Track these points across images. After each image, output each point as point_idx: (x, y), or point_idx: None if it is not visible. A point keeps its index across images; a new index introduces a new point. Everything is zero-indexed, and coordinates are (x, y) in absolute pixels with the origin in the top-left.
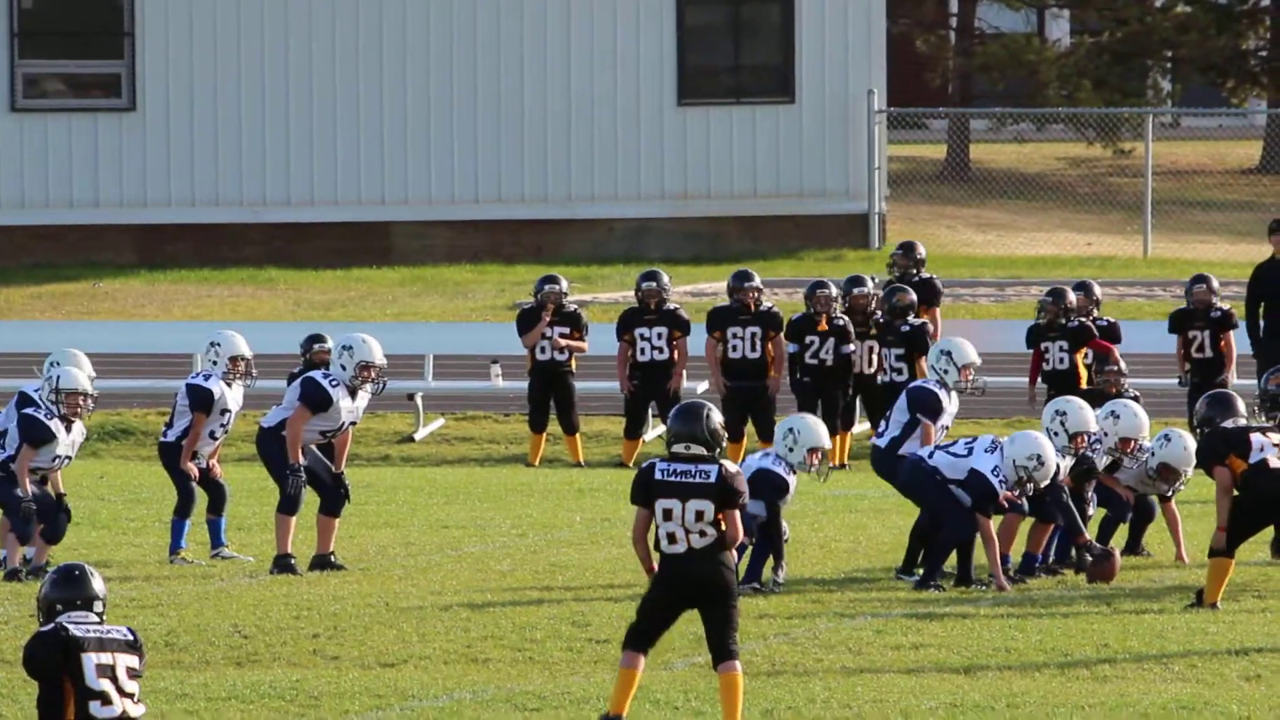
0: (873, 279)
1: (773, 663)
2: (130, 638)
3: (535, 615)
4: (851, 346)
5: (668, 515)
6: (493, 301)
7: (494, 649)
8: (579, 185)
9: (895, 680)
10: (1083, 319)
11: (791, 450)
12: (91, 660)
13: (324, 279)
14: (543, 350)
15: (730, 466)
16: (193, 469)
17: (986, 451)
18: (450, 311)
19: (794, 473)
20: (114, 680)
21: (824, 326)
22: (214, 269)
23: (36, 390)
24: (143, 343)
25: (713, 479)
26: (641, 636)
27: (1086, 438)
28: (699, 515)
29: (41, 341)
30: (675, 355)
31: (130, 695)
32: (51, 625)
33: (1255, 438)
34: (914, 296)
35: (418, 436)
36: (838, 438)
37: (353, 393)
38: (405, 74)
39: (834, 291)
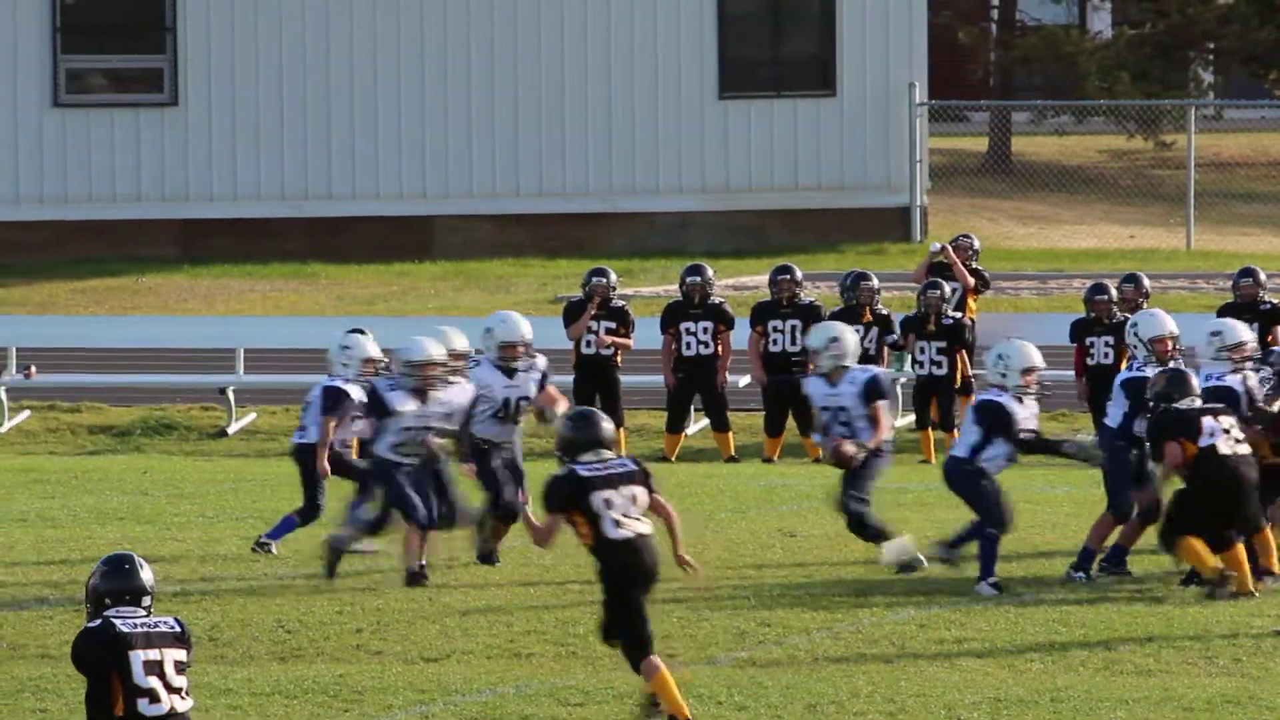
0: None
1: (815, 656)
2: (178, 629)
3: (578, 610)
4: (895, 336)
5: (608, 505)
6: (534, 295)
7: (537, 644)
8: (620, 179)
9: (939, 674)
10: (1127, 314)
11: (1005, 375)
12: (139, 657)
13: (366, 273)
14: (588, 344)
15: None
16: (326, 469)
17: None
18: (492, 305)
19: (1018, 400)
20: (162, 676)
21: (867, 318)
22: (256, 263)
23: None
24: (185, 337)
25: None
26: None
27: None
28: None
29: (84, 336)
30: (719, 349)
31: (178, 690)
32: (99, 621)
33: (1207, 422)
34: (949, 289)
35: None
36: None
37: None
38: (446, 67)
39: (876, 283)
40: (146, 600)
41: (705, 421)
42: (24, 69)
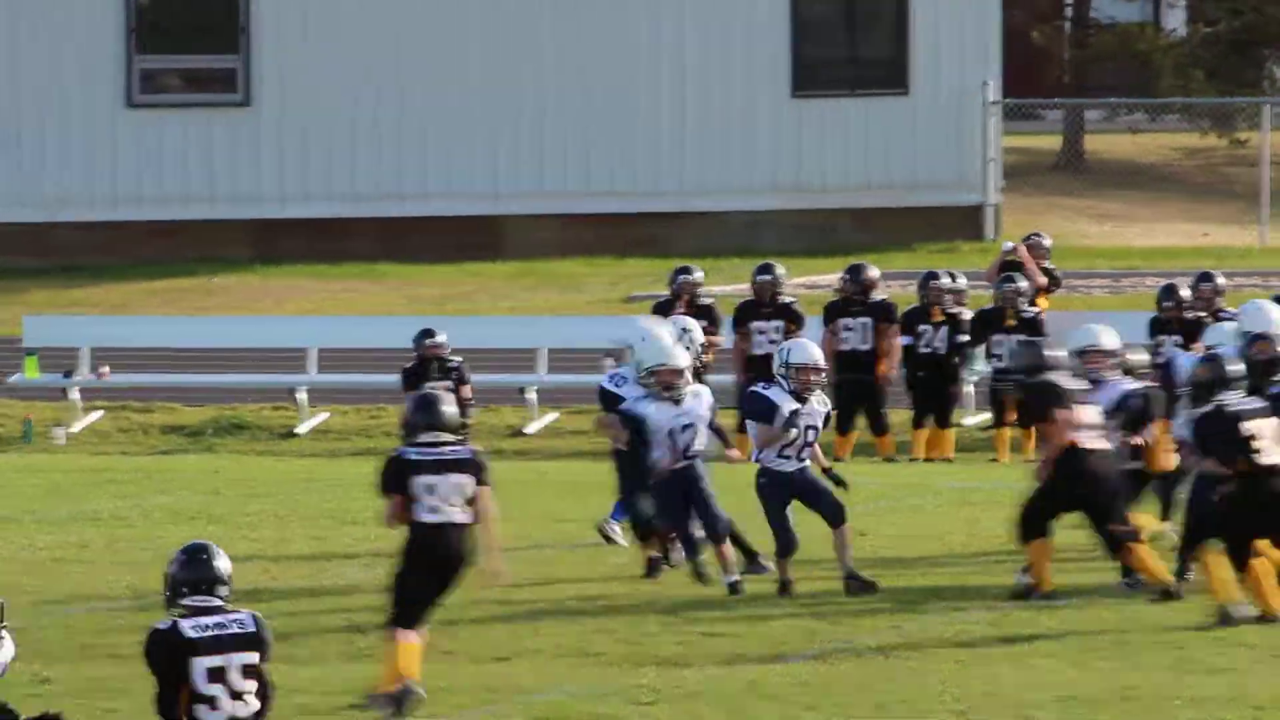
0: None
1: (884, 655)
2: (251, 629)
3: (647, 609)
4: (965, 336)
5: (430, 490)
6: (605, 295)
7: (606, 643)
8: (691, 177)
9: (1008, 673)
10: (1199, 313)
11: None
12: (202, 664)
13: (436, 273)
14: None
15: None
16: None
17: None
18: (563, 304)
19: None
20: (225, 683)
21: (938, 316)
22: (327, 264)
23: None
24: (256, 337)
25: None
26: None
27: None
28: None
29: (157, 337)
30: None
31: (241, 695)
32: (169, 624)
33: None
34: (1024, 286)
35: (529, 430)
36: (946, 431)
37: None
38: (518, 66)
39: (947, 282)
40: (223, 590)
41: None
42: (98, 70)
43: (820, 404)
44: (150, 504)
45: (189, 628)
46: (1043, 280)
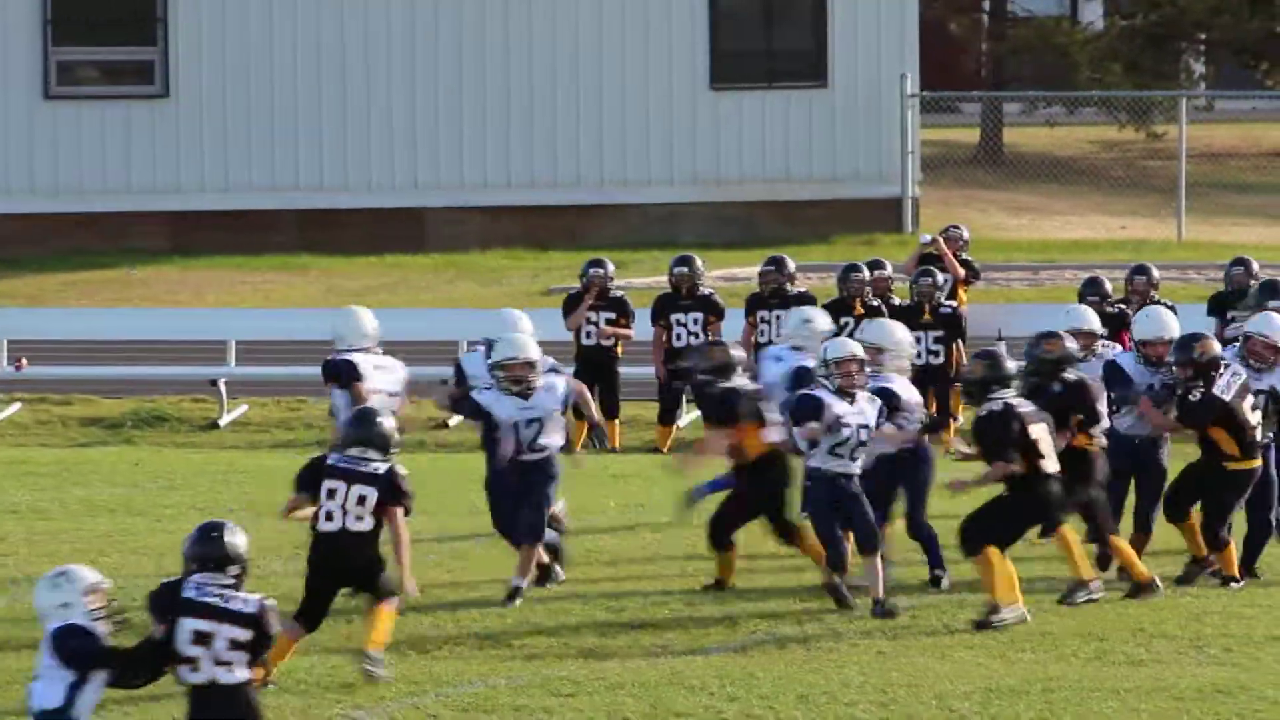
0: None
1: (808, 647)
2: (250, 610)
3: (571, 601)
4: None
5: (331, 495)
6: (527, 287)
7: (528, 635)
8: (612, 170)
9: (930, 664)
10: (1123, 305)
11: None
12: (188, 625)
13: (357, 265)
14: (588, 335)
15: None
16: None
17: None
18: (484, 297)
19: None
20: (209, 648)
21: (859, 310)
22: (247, 255)
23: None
24: (176, 329)
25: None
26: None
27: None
28: (361, 500)
29: (75, 328)
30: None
31: (227, 664)
32: (176, 579)
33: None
34: (941, 279)
35: (452, 423)
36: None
37: None
38: (436, 58)
39: (867, 275)
40: (233, 569)
41: (696, 413)
42: (14, 61)
43: (869, 403)
44: (69, 496)
45: (192, 590)
46: (961, 272)
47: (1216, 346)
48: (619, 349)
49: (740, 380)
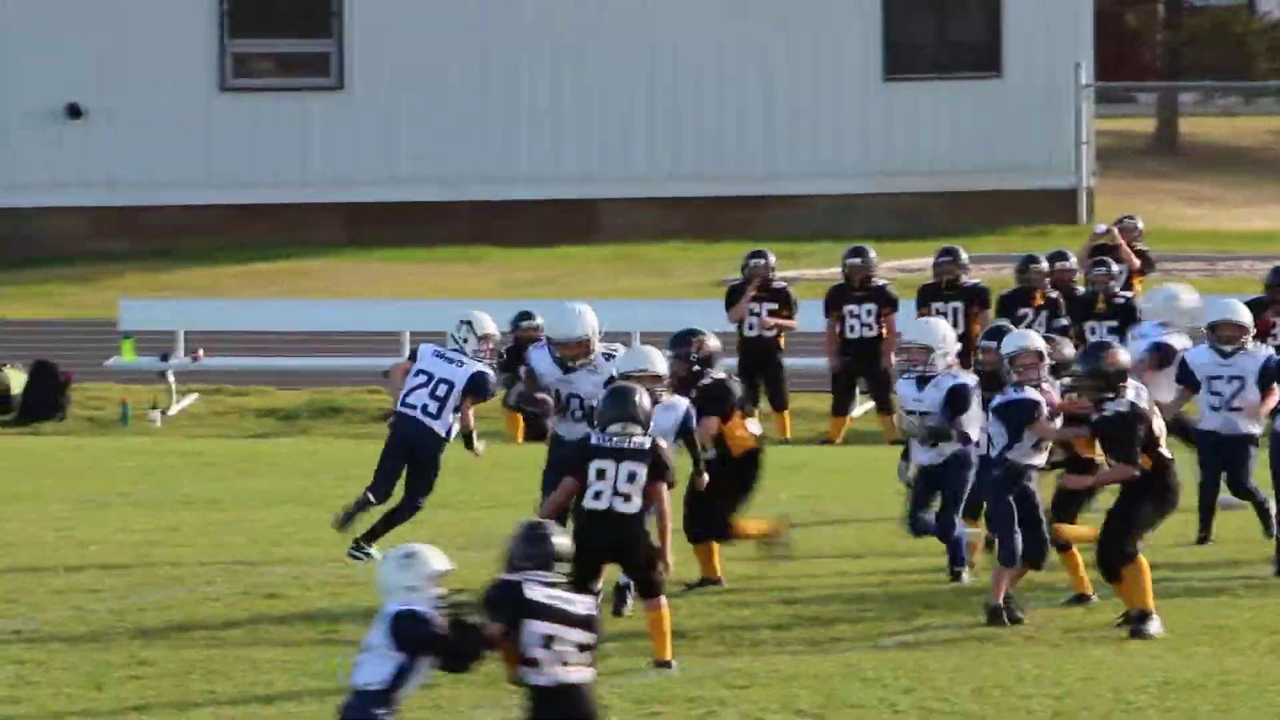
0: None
1: (982, 639)
2: (589, 613)
3: (743, 594)
4: (1064, 320)
5: (600, 475)
6: (697, 279)
7: (701, 626)
8: (783, 161)
9: (1105, 658)
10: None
11: None
12: (536, 628)
13: (530, 256)
14: (750, 327)
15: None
16: None
17: None
18: (654, 288)
19: None
20: (552, 650)
21: (1038, 301)
22: (421, 247)
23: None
24: (350, 320)
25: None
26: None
27: None
28: (631, 477)
29: (251, 320)
30: (884, 331)
31: (572, 665)
32: (514, 579)
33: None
34: (1116, 269)
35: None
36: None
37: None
38: (610, 51)
39: (1046, 266)
40: (561, 568)
41: (870, 404)
42: (191, 54)
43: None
44: (243, 488)
45: (534, 591)
46: (1136, 262)
47: None
48: (781, 340)
49: (722, 371)
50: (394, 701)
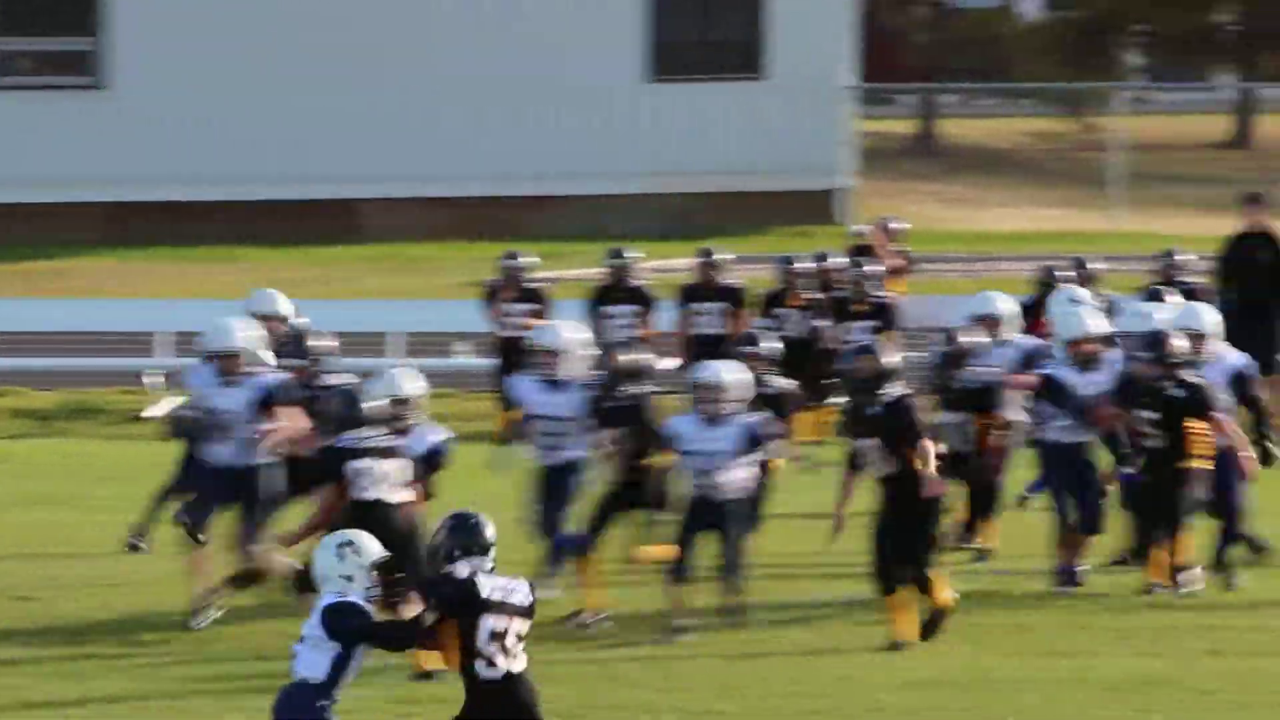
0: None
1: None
2: (530, 603)
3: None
4: (825, 321)
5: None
6: (459, 279)
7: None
8: (548, 162)
9: (860, 659)
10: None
11: None
12: (488, 624)
13: (291, 256)
14: (505, 327)
15: None
16: None
17: None
18: (419, 289)
19: None
20: (502, 643)
21: (797, 302)
22: (182, 247)
23: None
24: (107, 320)
25: None
26: None
27: None
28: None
29: (5, 319)
30: (643, 332)
31: (514, 656)
32: (469, 573)
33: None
34: (872, 270)
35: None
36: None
37: None
38: (372, 50)
39: (805, 267)
40: (493, 554)
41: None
42: None
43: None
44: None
45: (485, 587)
46: (895, 263)
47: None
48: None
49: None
50: (335, 693)
